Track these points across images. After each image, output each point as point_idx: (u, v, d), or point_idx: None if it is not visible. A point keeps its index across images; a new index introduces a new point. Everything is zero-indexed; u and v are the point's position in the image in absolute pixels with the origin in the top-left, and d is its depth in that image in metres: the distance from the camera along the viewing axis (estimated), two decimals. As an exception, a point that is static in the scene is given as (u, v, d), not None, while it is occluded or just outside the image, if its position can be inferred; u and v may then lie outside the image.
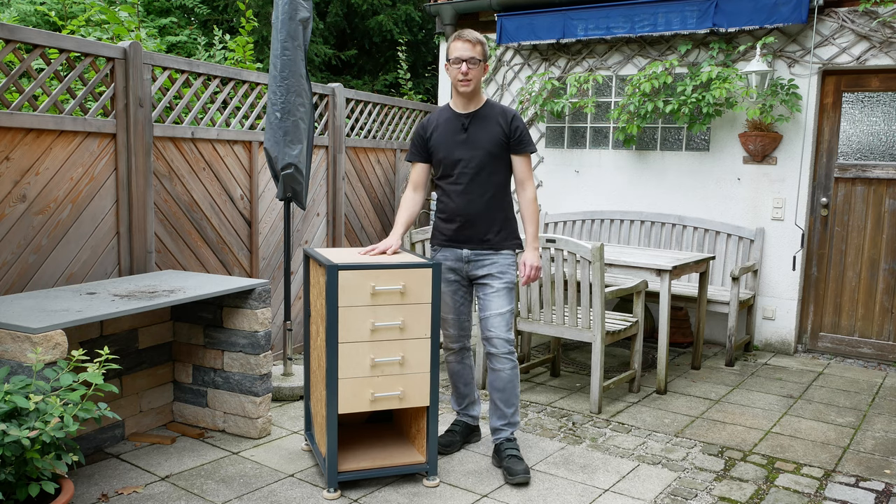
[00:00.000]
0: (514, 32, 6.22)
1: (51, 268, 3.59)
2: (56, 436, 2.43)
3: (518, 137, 3.35)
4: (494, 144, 3.34)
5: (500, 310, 3.34)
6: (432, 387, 3.17)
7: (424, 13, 9.33)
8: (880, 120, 5.26)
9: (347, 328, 3.01)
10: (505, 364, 3.37)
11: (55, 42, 3.53)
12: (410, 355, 3.12)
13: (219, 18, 9.24)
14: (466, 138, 3.35)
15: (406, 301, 3.07)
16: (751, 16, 5.29)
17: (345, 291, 2.98)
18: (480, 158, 3.33)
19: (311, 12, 4.09)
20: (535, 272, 3.40)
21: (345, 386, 3.04)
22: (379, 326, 3.05)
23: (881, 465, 3.58)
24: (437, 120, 3.45)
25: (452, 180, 3.40)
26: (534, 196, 3.38)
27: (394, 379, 3.11)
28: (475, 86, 3.32)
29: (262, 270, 4.89)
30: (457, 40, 3.30)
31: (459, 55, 3.27)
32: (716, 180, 5.76)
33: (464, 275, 3.46)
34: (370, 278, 3.00)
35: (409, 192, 3.54)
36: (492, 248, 3.38)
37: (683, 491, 3.24)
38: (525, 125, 3.39)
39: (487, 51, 3.35)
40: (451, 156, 3.38)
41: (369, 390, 3.08)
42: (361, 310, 3.02)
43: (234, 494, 3.10)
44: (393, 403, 3.12)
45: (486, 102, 3.40)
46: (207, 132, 4.38)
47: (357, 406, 3.08)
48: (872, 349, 5.43)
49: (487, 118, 3.36)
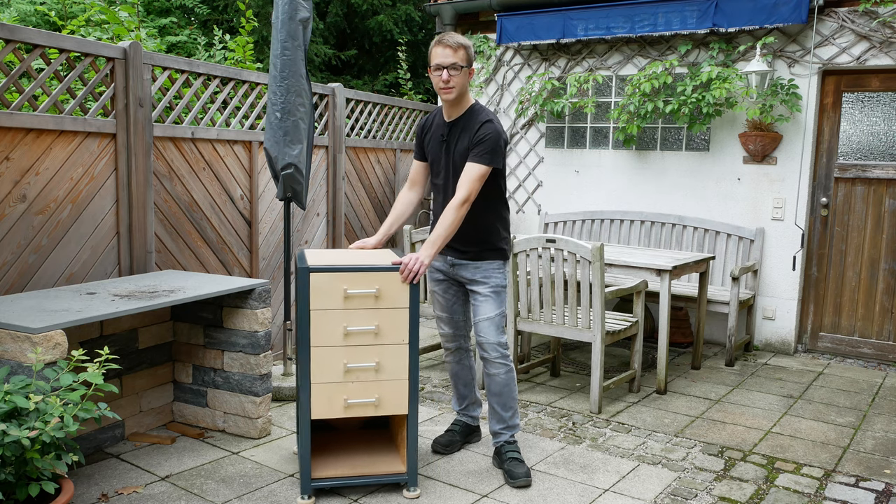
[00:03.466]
0: (514, 32, 6.22)
1: (51, 268, 3.59)
2: (56, 436, 2.43)
3: (476, 143, 3.13)
4: (465, 158, 3.18)
5: (489, 314, 3.30)
6: (411, 394, 3.07)
7: (424, 13, 9.33)
8: (880, 120, 5.26)
9: (320, 332, 2.94)
10: (499, 369, 3.35)
11: (55, 42, 3.53)
12: (386, 361, 3.03)
13: (219, 18, 9.24)
14: (445, 149, 3.29)
15: (381, 305, 2.98)
16: (751, 16, 5.28)
17: (317, 294, 2.91)
18: (455, 171, 3.24)
19: (311, 12, 4.09)
20: (418, 266, 2.97)
21: (318, 391, 2.97)
22: (352, 331, 2.97)
23: (881, 465, 3.58)
24: (432, 122, 3.40)
25: (437, 188, 3.39)
26: (456, 204, 3.08)
27: (369, 385, 3.02)
28: (458, 93, 3.15)
29: (262, 270, 4.89)
30: (437, 45, 3.13)
31: (439, 62, 3.11)
32: (716, 180, 5.76)
33: (451, 276, 3.43)
34: (342, 281, 2.92)
35: (404, 191, 3.51)
36: (471, 258, 3.32)
37: (683, 491, 3.24)
38: (494, 136, 3.13)
39: (472, 54, 3.16)
40: (435, 163, 3.36)
41: (343, 396, 3.00)
42: (334, 313, 2.94)
43: (234, 494, 3.10)
44: (368, 410, 3.04)
45: (468, 110, 3.24)
46: (207, 132, 4.38)
47: (331, 412, 3.00)
48: (872, 349, 5.43)
49: (465, 129, 3.21)
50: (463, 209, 3.10)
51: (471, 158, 3.13)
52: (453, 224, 3.10)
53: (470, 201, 3.11)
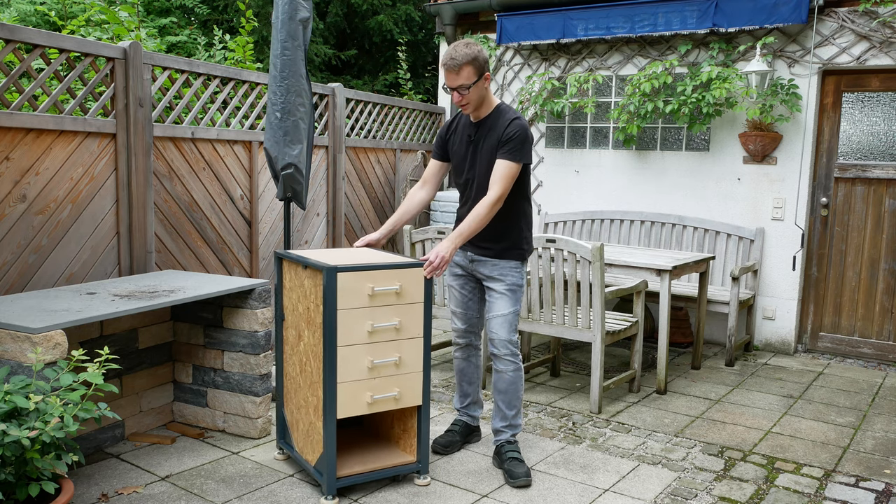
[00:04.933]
0: (514, 32, 6.22)
1: (51, 268, 3.59)
2: (56, 436, 2.43)
3: (505, 141, 3.17)
4: (494, 157, 3.23)
5: (502, 312, 3.33)
6: (424, 385, 3.16)
7: (424, 13, 9.33)
8: (880, 120, 5.26)
9: (346, 331, 2.97)
10: (507, 366, 3.37)
11: (55, 42, 3.53)
12: (406, 355, 3.11)
13: (219, 18, 9.24)
14: (473, 150, 3.32)
15: (402, 301, 3.06)
16: (751, 16, 5.28)
17: (343, 294, 2.94)
18: (483, 172, 3.28)
19: (311, 12, 4.09)
20: (440, 261, 3.04)
21: (344, 390, 3.00)
22: (377, 328, 3.03)
23: (881, 465, 3.58)
24: (457, 124, 3.43)
25: (462, 188, 3.42)
26: (490, 202, 3.12)
27: (391, 380, 3.09)
28: (475, 106, 3.22)
29: (262, 270, 4.89)
30: (443, 68, 3.18)
31: (449, 85, 3.18)
32: (716, 180, 5.76)
33: (469, 272, 3.46)
34: (369, 280, 2.98)
35: (416, 188, 3.56)
36: (491, 256, 3.35)
37: (683, 491, 3.24)
38: (522, 134, 3.18)
39: (481, 63, 3.14)
40: (460, 165, 3.39)
41: (367, 393, 3.05)
42: (360, 312, 2.99)
43: (234, 494, 3.10)
44: (390, 405, 3.10)
45: (495, 110, 3.28)
46: (207, 132, 4.38)
47: (355, 410, 3.04)
48: (872, 349, 5.43)
49: (493, 128, 3.24)
50: (496, 207, 3.16)
51: (501, 156, 3.18)
52: (483, 220, 3.14)
53: (503, 199, 3.17)
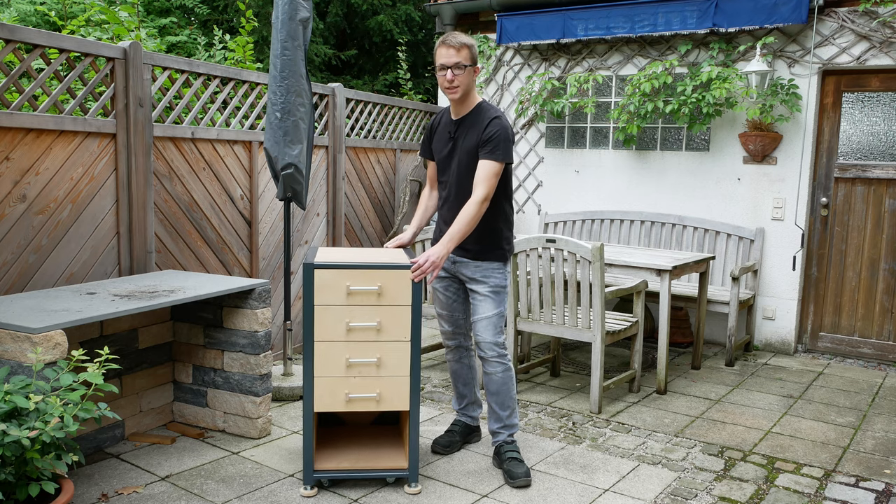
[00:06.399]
0: (514, 32, 6.22)
1: (51, 268, 3.59)
2: (56, 436, 2.43)
3: (485, 141, 3.14)
4: (474, 156, 3.21)
5: (486, 314, 3.31)
6: (412, 391, 3.12)
7: (424, 13, 9.33)
8: (880, 120, 5.26)
9: (323, 326, 3.02)
10: (496, 367, 3.36)
11: (55, 42, 3.53)
12: (388, 357, 3.08)
13: (219, 18, 9.24)
14: (452, 147, 3.30)
15: (383, 302, 3.04)
16: (751, 16, 5.29)
17: (320, 290, 2.99)
18: (462, 170, 3.26)
19: (311, 12, 4.10)
20: (430, 265, 3.02)
21: (320, 384, 3.05)
22: (354, 326, 3.04)
23: (881, 465, 3.58)
24: (439, 121, 3.44)
25: (442, 187, 3.41)
26: (477, 201, 3.09)
27: (370, 380, 3.08)
28: (463, 91, 3.18)
29: (262, 270, 4.89)
30: (441, 46, 3.15)
31: (444, 62, 3.13)
32: (716, 180, 5.76)
33: (452, 273, 3.44)
34: (346, 278, 3.00)
35: (426, 190, 3.62)
36: (472, 257, 3.32)
37: (683, 491, 3.24)
38: (503, 133, 3.14)
39: (475, 53, 3.18)
40: (441, 163, 3.38)
41: (344, 390, 3.07)
42: (337, 309, 3.02)
43: (234, 494, 3.10)
44: (370, 405, 3.10)
45: (476, 107, 3.26)
46: (207, 132, 4.38)
47: (333, 405, 3.08)
48: (872, 349, 5.43)
49: (473, 126, 3.22)
50: (484, 206, 3.13)
51: (483, 156, 3.15)
52: (472, 221, 3.11)
53: (489, 199, 3.14)
